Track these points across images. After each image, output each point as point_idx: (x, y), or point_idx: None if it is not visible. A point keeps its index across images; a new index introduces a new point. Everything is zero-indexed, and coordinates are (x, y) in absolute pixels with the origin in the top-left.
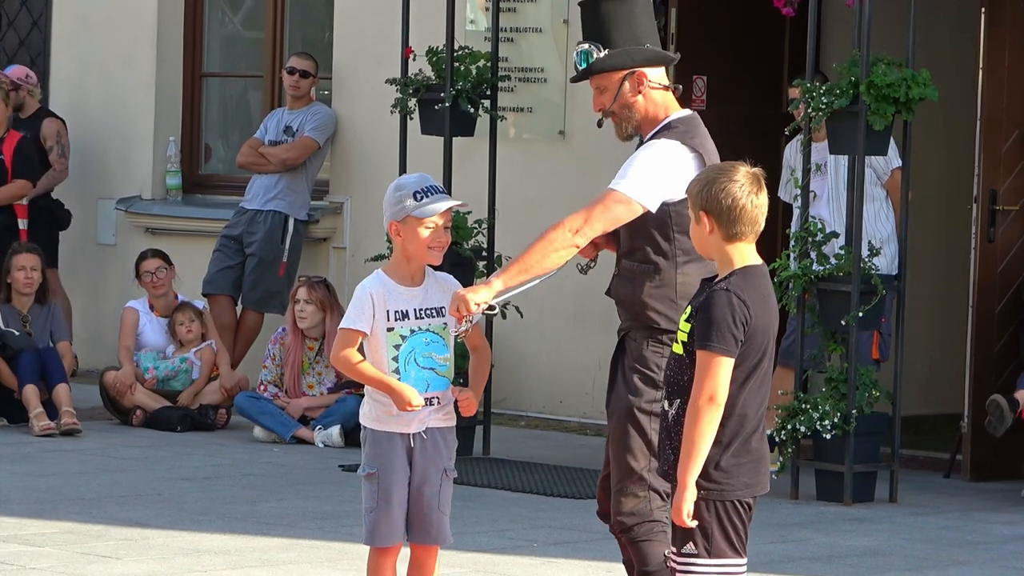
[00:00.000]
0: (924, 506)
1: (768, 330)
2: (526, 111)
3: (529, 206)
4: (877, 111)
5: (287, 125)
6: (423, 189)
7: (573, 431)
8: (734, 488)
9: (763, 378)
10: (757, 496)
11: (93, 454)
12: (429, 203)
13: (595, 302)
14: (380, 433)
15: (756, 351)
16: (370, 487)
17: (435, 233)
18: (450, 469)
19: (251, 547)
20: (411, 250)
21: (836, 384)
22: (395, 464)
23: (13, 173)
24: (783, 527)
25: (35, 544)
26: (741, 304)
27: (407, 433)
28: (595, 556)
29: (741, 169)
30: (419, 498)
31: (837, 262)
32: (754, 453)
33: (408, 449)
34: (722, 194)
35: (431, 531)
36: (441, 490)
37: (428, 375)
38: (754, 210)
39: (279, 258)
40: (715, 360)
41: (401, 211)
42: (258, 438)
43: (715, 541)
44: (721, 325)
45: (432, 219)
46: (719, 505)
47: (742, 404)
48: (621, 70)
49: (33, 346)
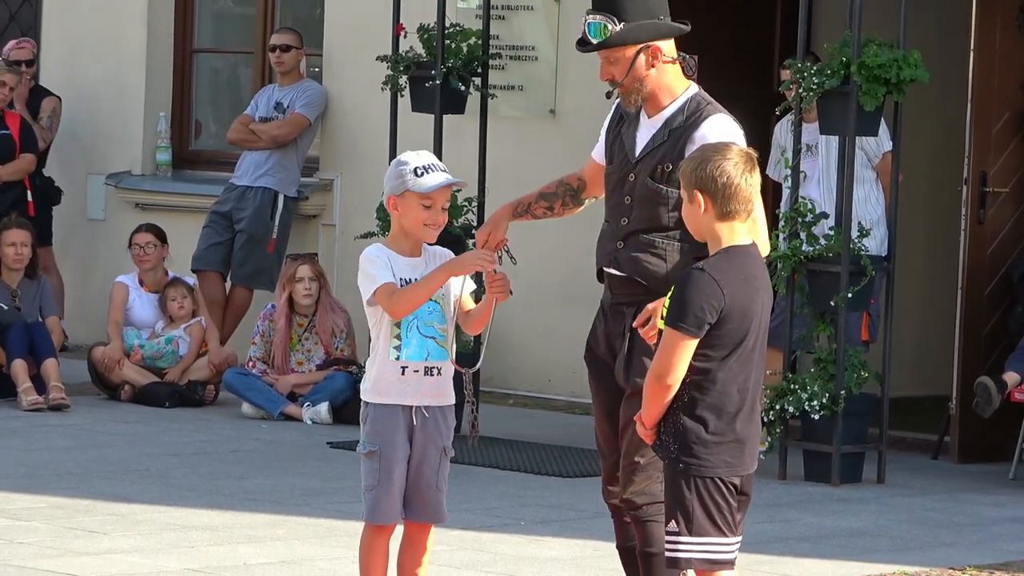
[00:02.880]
0: (912, 487)
1: (748, 310)
2: (516, 89)
3: (519, 184)
4: (868, 92)
5: (278, 102)
6: (424, 165)
7: (561, 410)
8: (713, 465)
9: (748, 357)
10: (742, 476)
11: (81, 429)
12: (428, 178)
13: (584, 282)
14: (381, 409)
15: (736, 330)
16: (371, 465)
17: (432, 211)
18: (448, 448)
19: (239, 523)
20: (407, 226)
21: (825, 365)
22: (396, 442)
23: (21, 148)
24: (771, 507)
25: (22, 519)
26: (714, 284)
27: (408, 407)
28: (583, 534)
29: (734, 148)
30: (418, 476)
31: (827, 243)
32: (738, 433)
33: (409, 427)
34: (716, 172)
35: (428, 509)
36: (440, 468)
37: (429, 344)
38: (748, 188)
39: (268, 235)
40: (673, 339)
41: (400, 185)
42: (246, 414)
43: (696, 519)
44: (687, 305)
45: (430, 195)
46: (699, 482)
47: (723, 381)
48: (636, 44)
49: (22, 321)
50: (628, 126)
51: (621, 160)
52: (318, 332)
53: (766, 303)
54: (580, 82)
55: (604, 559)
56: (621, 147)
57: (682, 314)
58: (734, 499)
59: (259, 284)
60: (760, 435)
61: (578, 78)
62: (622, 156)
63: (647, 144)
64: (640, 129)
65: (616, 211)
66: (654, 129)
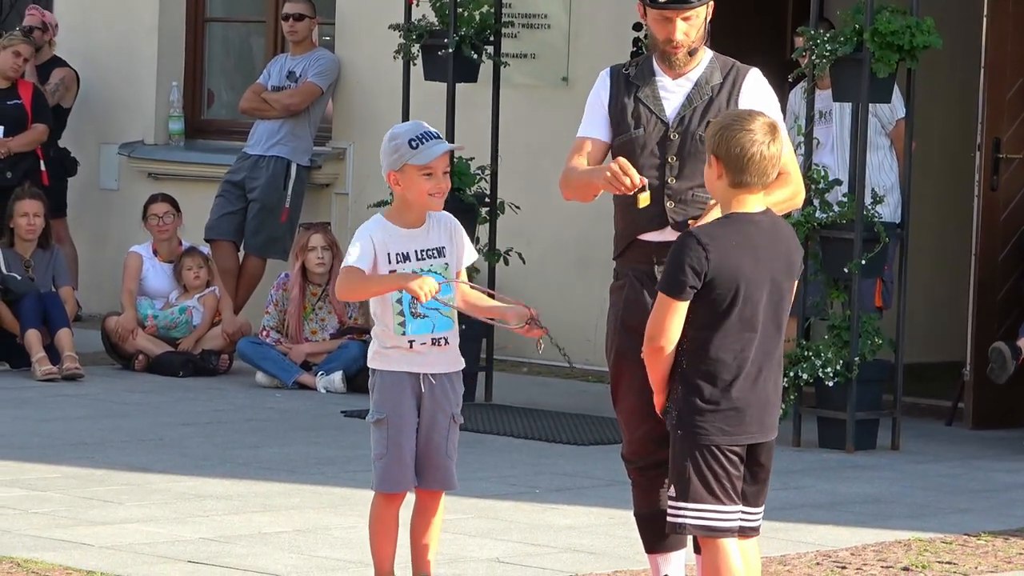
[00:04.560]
0: (926, 454)
1: (737, 276)
2: (529, 57)
3: (532, 152)
4: (881, 59)
5: (290, 71)
6: (418, 136)
7: (575, 378)
8: (708, 433)
9: (746, 324)
10: (744, 445)
11: (95, 399)
12: (426, 148)
13: (598, 248)
14: (389, 376)
15: (724, 296)
16: (379, 433)
17: (434, 180)
18: (457, 415)
19: (253, 492)
20: (411, 198)
21: (839, 332)
22: (404, 409)
23: (33, 118)
24: (785, 474)
25: (37, 488)
26: (699, 248)
27: (416, 374)
28: (597, 502)
29: (758, 119)
30: (427, 443)
31: (840, 209)
32: (735, 401)
33: (417, 394)
34: (732, 141)
35: (438, 476)
36: (449, 435)
37: (432, 315)
38: (763, 162)
39: (281, 204)
40: (662, 301)
41: (398, 160)
42: (260, 383)
43: (692, 486)
44: (672, 268)
45: (431, 164)
46: (696, 449)
47: (715, 348)
48: (710, 3)
49: (35, 291)
50: (645, 91)
51: (653, 123)
52: (331, 301)
53: (779, 272)
54: (593, 49)
55: (619, 526)
56: (648, 111)
57: (667, 277)
58: (736, 468)
59: (272, 253)
60: (779, 404)
61: (590, 45)
62: (652, 119)
63: (683, 104)
64: (663, 91)
65: (655, 172)
66: (685, 89)
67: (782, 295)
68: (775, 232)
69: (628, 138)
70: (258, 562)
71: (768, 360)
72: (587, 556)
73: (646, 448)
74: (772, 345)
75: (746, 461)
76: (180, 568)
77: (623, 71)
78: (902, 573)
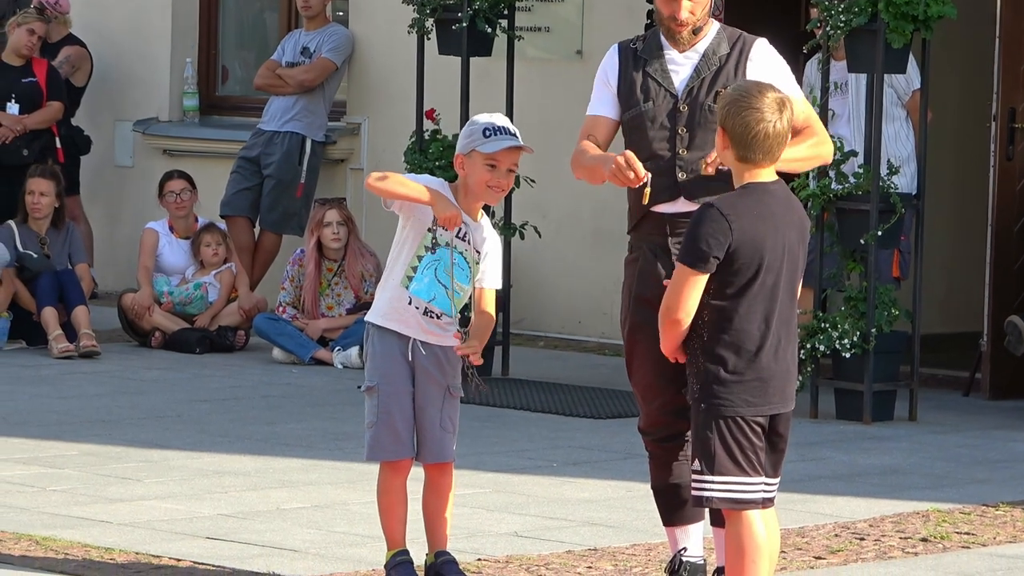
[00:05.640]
0: (943, 424)
1: (760, 246)
2: (543, 30)
3: (546, 126)
4: (896, 29)
5: (304, 46)
6: (493, 128)
7: (592, 351)
8: (733, 404)
9: (768, 295)
10: (767, 415)
11: (112, 376)
12: (495, 140)
13: (613, 221)
14: (381, 338)
15: (748, 267)
16: (371, 401)
17: (496, 173)
18: (454, 387)
19: (271, 468)
20: (471, 185)
21: (855, 303)
22: (396, 376)
23: (48, 95)
24: (803, 446)
25: (55, 466)
26: (722, 219)
27: (406, 338)
28: (614, 476)
29: (768, 95)
30: (422, 415)
31: (856, 181)
32: (761, 371)
33: (408, 362)
34: (738, 119)
35: (433, 449)
36: (444, 408)
37: (439, 290)
38: (769, 140)
39: (296, 179)
40: (682, 274)
41: (468, 144)
42: (277, 359)
43: (717, 458)
44: (692, 240)
45: (496, 155)
46: (720, 421)
47: (740, 319)
48: None
49: (51, 268)
50: (654, 65)
51: (662, 96)
52: (347, 276)
53: (793, 241)
54: (607, 22)
55: (636, 500)
56: (656, 84)
57: (690, 249)
58: (759, 439)
59: (288, 229)
60: (796, 374)
61: (605, 18)
62: (661, 92)
63: (691, 76)
64: (671, 64)
65: (666, 145)
66: (693, 61)
67: (796, 263)
68: (788, 200)
69: (638, 112)
70: (276, 538)
71: (787, 329)
72: (605, 529)
73: (662, 419)
74: (790, 314)
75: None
76: (198, 544)
77: (631, 46)
78: (920, 544)
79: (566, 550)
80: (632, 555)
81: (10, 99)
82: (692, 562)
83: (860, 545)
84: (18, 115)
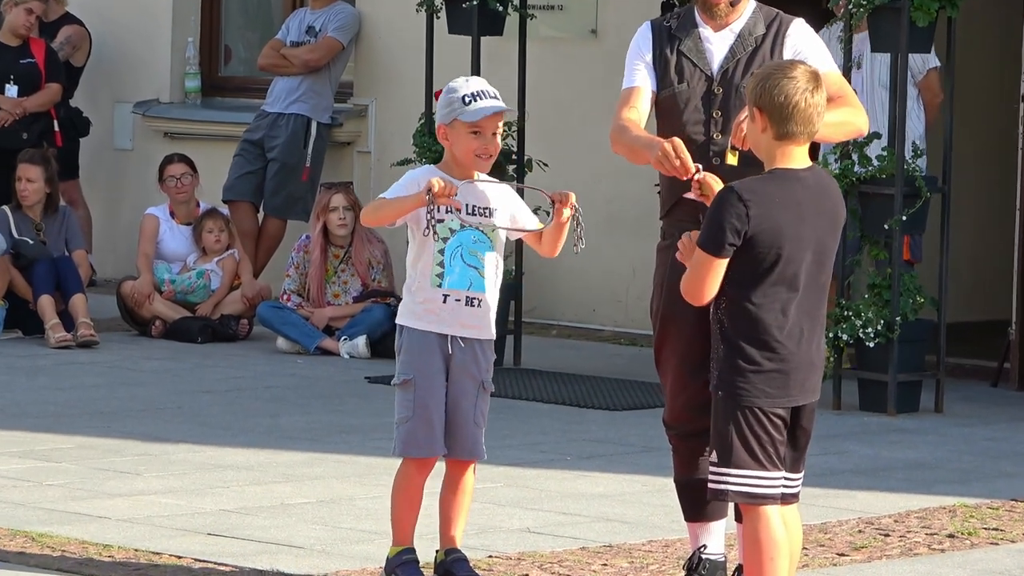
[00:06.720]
0: (971, 416)
1: (780, 235)
2: (556, 8)
3: (560, 108)
4: (920, 7)
5: (310, 25)
6: (473, 92)
7: (607, 340)
8: (750, 394)
9: (789, 284)
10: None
11: (111, 366)
12: (476, 106)
13: (629, 205)
14: (416, 336)
15: (767, 255)
16: (405, 395)
17: (481, 139)
18: (487, 382)
19: (275, 462)
20: (458, 155)
21: (879, 290)
22: (432, 371)
23: (47, 77)
24: (825, 439)
25: (52, 460)
26: (740, 205)
27: (445, 335)
28: (630, 469)
29: (800, 67)
30: (455, 410)
31: (880, 163)
32: (782, 361)
33: (445, 356)
34: (775, 90)
35: (466, 445)
36: (477, 402)
37: (472, 274)
38: (808, 108)
39: (302, 163)
40: (699, 257)
41: (449, 114)
42: (281, 349)
43: (735, 450)
44: (711, 224)
45: (478, 123)
46: (738, 412)
47: (756, 307)
48: None
49: (48, 255)
50: (687, 44)
51: (696, 77)
52: (354, 263)
53: (823, 231)
54: (622, 1)
55: (653, 494)
56: (691, 64)
57: (707, 233)
58: (779, 432)
59: (293, 214)
60: (821, 366)
61: None
62: (696, 73)
63: (726, 56)
64: (706, 43)
65: (700, 128)
66: (728, 41)
67: (826, 254)
68: (820, 189)
69: (671, 93)
70: (280, 534)
71: (811, 320)
72: (620, 525)
73: (687, 415)
74: (815, 305)
75: (788, 424)
76: (200, 541)
77: (664, 23)
78: (947, 540)
79: (580, 547)
80: (649, 552)
81: (8, 80)
82: (711, 559)
83: (885, 542)
84: (17, 97)
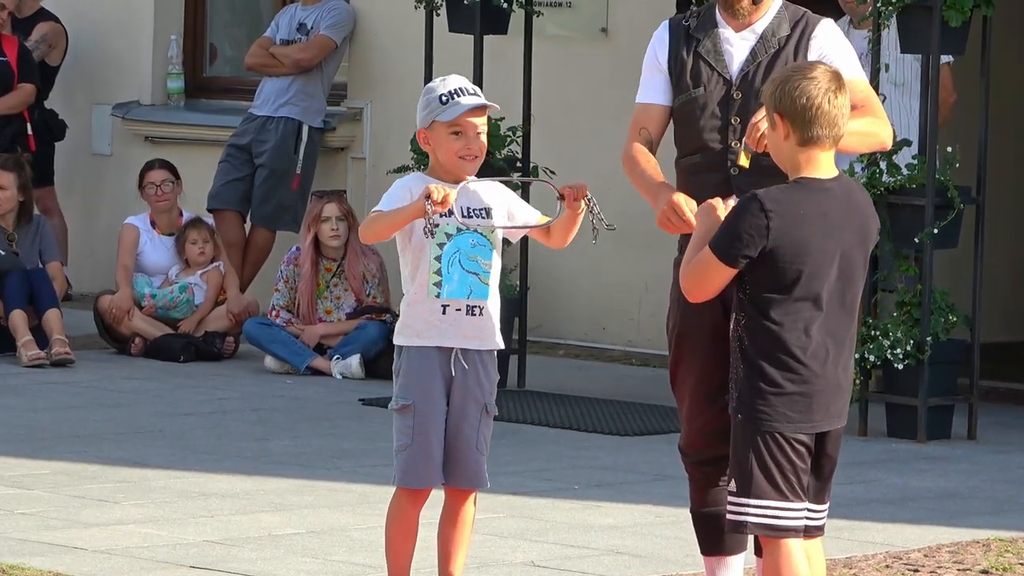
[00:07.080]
0: (1006, 443)
1: (804, 249)
2: (564, 6)
3: (568, 111)
4: (953, 5)
5: (301, 22)
6: (450, 91)
7: (617, 360)
8: (771, 418)
9: (813, 302)
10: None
11: (87, 386)
12: (452, 106)
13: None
14: (416, 357)
15: (788, 270)
16: (404, 421)
17: (464, 140)
18: (491, 405)
19: (262, 489)
20: (442, 160)
21: (909, 308)
22: (433, 395)
23: (19, 77)
24: (850, 467)
25: (24, 487)
26: (761, 216)
27: (447, 351)
28: (642, 499)
29: (819, 66)
30: (456, 435)
31: (910, 172)
32: (805, 384)
33: (447, 379)
34: (796, 92)
35: (467, 473)
36: (480, 428)
37: (472, 280)
38: (833, 110)
39: (292, 169)
40: (707, 258)
41: (427, 116)
42: (269, 368)
43: (755, 479)
44: (726, 230)
45: (459, 121)
46: (758, 437)
47: (777, 326)
48: None
49: (20, 267)
50: (706, 45)
51: (714, 81)
52: (347, 277)
53: (850, 246)
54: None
55: (666, 526)
56: (708, 68)
57: (720, 238)
58: (802, 460)
59: (282, 224)
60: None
61: None
62: (714, 77)
63: (747, 59)
64: (726, 44)
65: (717, 135)
66: (749, 42)
67: (853, 270)
68: (848, 200)
69: (688, 98)
70: (268, 567)
71: (837, 341)
72: (631, 559)
73: (703, 441)
74: (841, 325)
75: (813, 452)
76: (182, 574)
77: (683, 23)
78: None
79: None
80: None
81: None
82: None
83: None
84: None
